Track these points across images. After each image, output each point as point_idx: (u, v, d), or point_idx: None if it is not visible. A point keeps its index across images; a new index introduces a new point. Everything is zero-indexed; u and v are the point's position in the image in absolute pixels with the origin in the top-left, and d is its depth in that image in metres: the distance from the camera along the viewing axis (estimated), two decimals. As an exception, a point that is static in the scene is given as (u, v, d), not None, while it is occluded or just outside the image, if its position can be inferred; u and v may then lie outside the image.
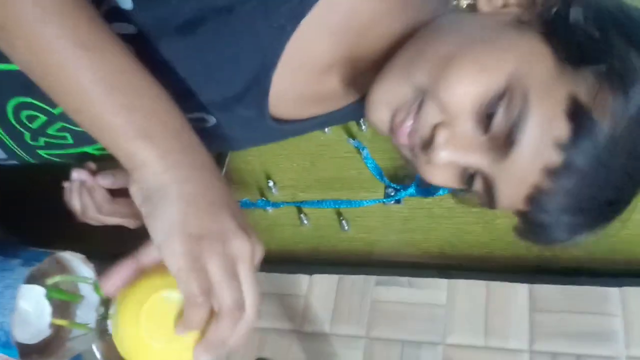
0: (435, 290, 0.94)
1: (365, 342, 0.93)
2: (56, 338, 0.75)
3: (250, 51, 0.52)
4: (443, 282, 0.94)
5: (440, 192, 0.98)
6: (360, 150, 1.04)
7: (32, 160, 0.68)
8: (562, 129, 0.44)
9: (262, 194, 1.12)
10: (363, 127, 1.05)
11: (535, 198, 0.47)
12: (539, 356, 0.85)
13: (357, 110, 0.63)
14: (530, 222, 0.49)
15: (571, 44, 0.46)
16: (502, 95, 0.45)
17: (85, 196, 0.70)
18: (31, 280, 0.71)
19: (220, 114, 0.57)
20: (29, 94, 0.57)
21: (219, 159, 1.15)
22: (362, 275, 0.98)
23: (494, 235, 1.01)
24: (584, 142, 0.44)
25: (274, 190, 1.10)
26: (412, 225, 1.06)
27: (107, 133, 0.45)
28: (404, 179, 1.05)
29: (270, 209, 1.10)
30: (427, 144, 0.48)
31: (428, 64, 0.48)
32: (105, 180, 0.69)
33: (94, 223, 0.72)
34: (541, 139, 0.45)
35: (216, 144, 0.57)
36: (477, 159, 0.48)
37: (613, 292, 0.86)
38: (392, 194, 1.05)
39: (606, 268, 0.93)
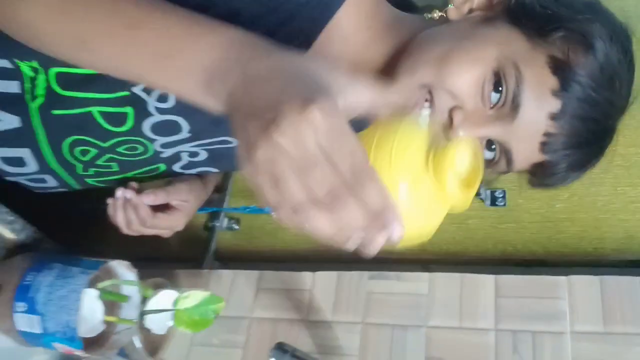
0: (418, 282, 0.98)
1: (361, 327, 0.97)
2: (106, 332, 0.81)
3: None
4: (425, 275, 0.98)
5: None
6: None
7: (78, 187, 0.74)
8: (552, 81, 0.50)
9: (267, 202, 1.17)
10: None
11: (547, 143, 0.52)
12: (503, 334, 0.90)
13: (357, 124, 0.72)
14: (544, 167, 0.54)
15: (533, 21, 0.52)
16: (497, 73, 0.51)
17: (130, 212, 0.74)
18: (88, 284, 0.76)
19: None
20: (83, 132, 0.62)
21: (227, 173, 1.17)
22: (357, 271, 1.01)
23: (466, 235, 1.08)
24: (571, 86, 0.50)
25: (277, 197, 1.15)
26: (397, 227, 1.14)
27: (164, 87, 0.45)
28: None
29: (275, 214, 1.16)
30: (447, 127, 0.52)
31: (428, 64, 0.52)
32: (148, 198, 0.74)
33: (135, 234, 0.77)
34: (539, 94, 0.50)
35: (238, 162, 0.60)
36: (491, 130, 0.52)
37: (562, 280, 0.91)
38: (381, 200, 1.13)
39: (556, 260, 1.01)
